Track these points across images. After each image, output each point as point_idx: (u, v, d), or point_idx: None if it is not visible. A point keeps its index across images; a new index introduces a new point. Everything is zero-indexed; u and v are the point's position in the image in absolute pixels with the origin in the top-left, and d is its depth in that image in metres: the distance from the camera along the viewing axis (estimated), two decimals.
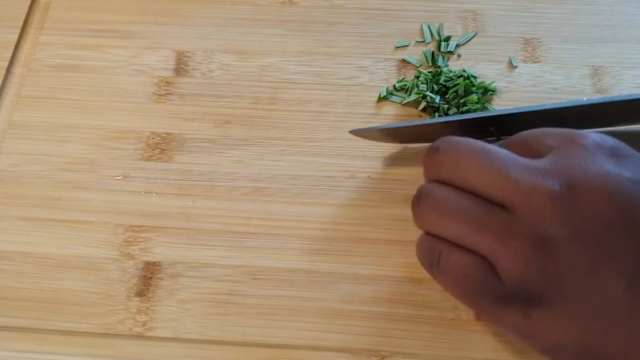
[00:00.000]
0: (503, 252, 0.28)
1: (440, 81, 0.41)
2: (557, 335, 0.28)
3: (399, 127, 0.38)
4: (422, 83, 0.41)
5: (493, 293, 0.29)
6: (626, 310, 0.27)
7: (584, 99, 0.38)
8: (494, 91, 0.41)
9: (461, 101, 0.40)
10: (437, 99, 0.40)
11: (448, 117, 0.39)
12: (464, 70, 0.41)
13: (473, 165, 0.29)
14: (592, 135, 0.30)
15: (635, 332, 0.27)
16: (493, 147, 0.30)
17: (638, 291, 0.27)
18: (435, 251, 0.30)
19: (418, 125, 0.37)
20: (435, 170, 0.31)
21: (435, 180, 0.31)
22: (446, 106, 0.40)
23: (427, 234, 0.31)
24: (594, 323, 0.27)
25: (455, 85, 0.40)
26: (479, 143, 0.30)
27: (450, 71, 0.41)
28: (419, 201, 0.31)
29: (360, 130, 0.38)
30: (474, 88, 0.40)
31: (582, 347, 0.28)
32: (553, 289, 0.28)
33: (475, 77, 0.41)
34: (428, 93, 0.40)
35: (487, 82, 0.41)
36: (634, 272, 0.27)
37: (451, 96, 0.40)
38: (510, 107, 0.39)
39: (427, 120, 0.39)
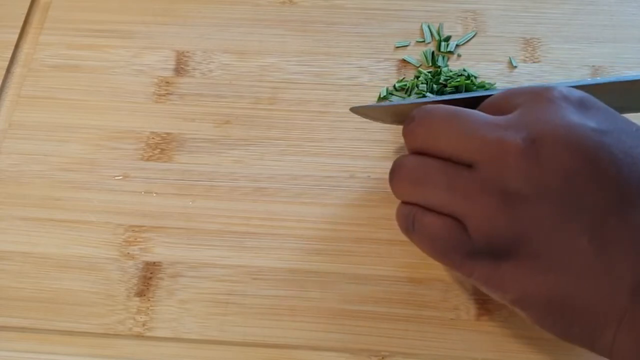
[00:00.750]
0: (470, 210, 0.29)
1: (440, 81, 0.41)
2: (525, 287, 0.28)
3: (400, 105, 0.37)
4: (422, 83, 0.41)
5: (463, 250, 0.29)
6: (591, 261, 0.27)
7: (583, 79, 0.38)
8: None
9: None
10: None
11: (451, 95, 0.39)
12: (464, 70, 0.41)
13: (442, 130, 0.30)
14: (559, 87, 0.30)
15: (601, 282, 0.27)
16: (463, 110, 0.30)
17: (602, 242, 0.27)
18: (409, 216, 0.31)
19: (420, 103, 0.37)
20: (411, 139, 0.32)
21: (414, 149, 0.32)
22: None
23: (405, 202, 0.32)
24: (560, 274, 0.27)
25: (455, 83, 0.40)
26: (451, 108, 0.31)
27: (450, 71, 0.41)
28: (392, 174, 0.32)
29: (360, 108, 0.37)
30: (474, 87, 0.40)
31: (550, 297, 0.28)
32: (520, 243, 0.28)
33: (475, 77, 0.41)
34: (428, 93, 0.40)
35: (487, 81, 0.41)
36: (598, 223, 0.27)
37: (450, 89, 0.40)
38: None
39: (430, 97, 0.39)
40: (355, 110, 0.37)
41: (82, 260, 0.36)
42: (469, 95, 0.35)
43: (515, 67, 0.42)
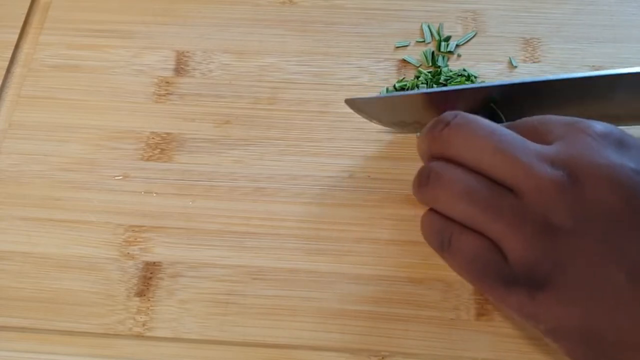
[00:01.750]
0: (511, 235, 0.29)
1: (440, 80, 0.41)
2: (559, 318, 0.28)
3: (395, 96, 0.37)
4: (422, 83, 0.41)
5: (500, 275, 0.29)
6: (627, 296, 0.27)
7: (586, 73, 0.38)
8: None
9: None
10: None
11: (450, 87, 0.38)
12: (464, 70, 0.41)
13: (486, 147, 0.29)
14: (598, 125, 0.30)
15: (635, 317, 0.27)
16: (505, 130, 0.30)
17: (639, 278, 0.27)
18: (446, 232, 0.30)
19: (415, 95, 0.36)
20: (443, 145, 0.31)
21: (441, 155, 0.31)
22: None
23: (435, 212, 0.31)
24: (595, 307, 0.28)
25: (455, 83, 0.40)
26: (491, 124, 0.30)
27: (451, 71, 0.41)
28: (428, 180, 0.31)
29: (355, 99, 0.37)
30: None
31: (583, 329, 0.28)
32: (557, 274, 0.28)
33: (475, 77, 0.41)
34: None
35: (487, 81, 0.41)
36: (636, 261, 0.27)
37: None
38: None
39: (425, 89, 0.38)
40: (351, 103, 0.37)
41: (82, 260, 0.36)
42: (463, 87, 0.35)
43: (515, 67, 0.42)
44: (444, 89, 0.36)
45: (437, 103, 0.35)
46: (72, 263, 0.36)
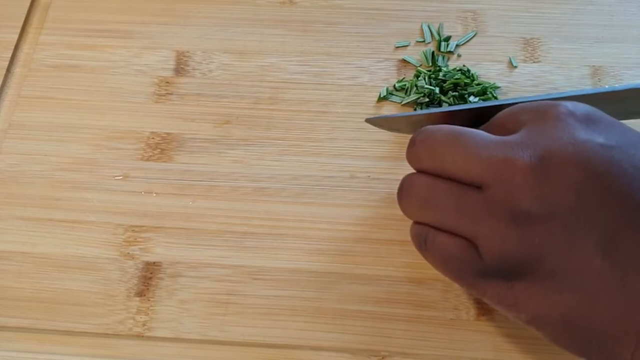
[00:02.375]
0: (480, 232, 0.29)
1: (440, 76, 0.41)
2: (539, 307, 0.28)
3: (417, 115, 0.36)
4: (421, 81, 0.41)
5: (475, 270, 0.29)
6: (605, 279, 0.27)
7: (591, 88, 0.37)
8: (494, 88, 0.40)
9: (462, 92, 0.40)
10: (437, 90, 0.40)
11: (472, 104, 0.38)
12: (463, 65, 0.41)
13: (447, 152, 0.30)
14: (564, 103, 0.30)
15: (616, 300, 0.27)
16: (466, 130, 0.30)
17: (615, 259, 0.27)
18: (422, 235, 0.31)
19: (438, 113, 0.36)
20: (415, 162, 0.32)
21: (418, 170, 0.32)
22: (445, 97, 0.40)
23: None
24: (575, 293, 0.27)
25: (454, 80, 0.40)
26: (454, 128, 0.31)
27: (449, 69, 0.41)
28: (401, 194, 0.32)
29: (376, 119, 0.37)
30: (474, 84, 0.40)
31: (565, 316, 0.28)
32: (532, 263, 0.28)
33: (475, 74, 0.41)
34: (427, 86, 0.40)
35: (487, 81, 0.41)
36: (611, 239, 0.27)
37: (449, 86, 0.40)
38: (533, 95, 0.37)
39: (449, 107, 0.38)
40: (371, 121, 0.37)
41: (82, 260, 0.36)
42: (484, 104, 0.35)
43: (516, 67, 0.42)
44: (468, 106, 0.36)
45: (460, 120, 0.35)
46: (72, 263, 0.36)
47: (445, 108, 0.38)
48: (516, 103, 0.35)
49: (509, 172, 0.28)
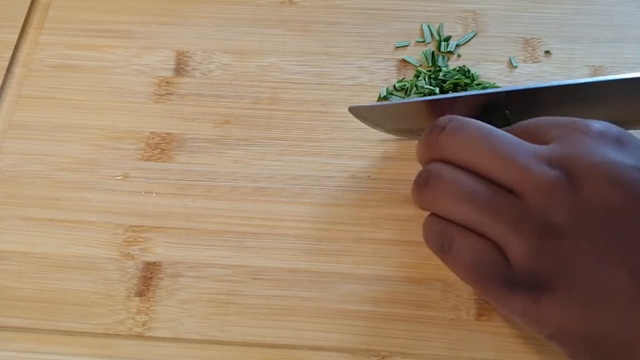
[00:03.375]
0: (514, 238, 0.28)
1: (439, 77, 0.41)
2: (563, 322, 0.28)
3: (400, 104, 0.36)
4: (421, 80, 0.41)
5: (503, 278, 0.29)
6: (631, 298, 0.27)
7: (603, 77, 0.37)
8: (494, 88, 0.41)
9: (462, 92, 0.40)
10: (437, 90, 0.40)
11: (457, 93, 0.38)
12: (463, 65, 0.41)
13: (482, 149, 0.29)
14: (596, 123, 0.30)
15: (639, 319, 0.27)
16: (501, 132, 0.30)
17: None
18: (446, 235, 0.30)
19: (419, 102, 0.36)
20: (439, 149, 0.31)
21: (438, 159, 0.31)
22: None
23: (435, 215, 0.31)
24: (599, 310, 0.27)
25: (454, 80, 0.40)
26: (487, 126, 0.30)
27: (449, 69, 0.41)
28: (427, 183, 0.30)
29: (359, 107, 0.37)
30: (474, 84, 0.40)
31: (588, 332, 0.28)
32: (560, 276, 0.28)
33: (474, 74, 0.41)
34: (427, 86, 0.40)
35: (487, 81, 0.41)
36: (639, 260, 0.27)
37: (449, 86, 0.40)
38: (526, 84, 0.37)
39: (429, 97, 0.38)
40: (354, 111, 0.37)
41: (82, 260, 0.36)
42: (473, 93, 0.35)
43: (516, 67, 0.42)
44: (448, 95, 0.36)
45: (442, 110, 0.35)
46: (72, 263, 0.36)
47: (429, 97, 0.37)
48: (504, 92, 0.35)
49: (545, 185, 0.28)
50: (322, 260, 0.36)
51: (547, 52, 0.42)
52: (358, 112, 0.37)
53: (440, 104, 0.35)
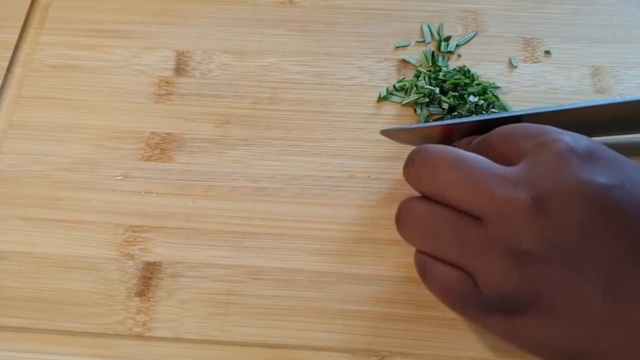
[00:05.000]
0: (481, 267, 0.29)
1: (440, 77, 0.41)
2: (540, 341, 0.28)
3: (433, 127, 0.36)
4: (421, 80, 0.41)
5: (475, 303, 0.29)
6: (606, 315, 0.27)
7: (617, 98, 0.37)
8: (494, 88, 0.40)
9: (462, 92, 0.40)
10: (437, 90, 0.40)
11: (485, 115, 0.38)
12: (463, 65, 0.41)
13: (449, 179, 0.30)
14: (566, 138, 0.29)
15: (616, 334, 0.27)
16: (467, 156, 0.30)
17: (616, 294, 0.27)
18: (421, 264, 0.31)
19: (452, 124, 0.36)
20: (414, 183, 0.32)
21: (419, 192, 0.32)
22: (445, 97, 0.40)
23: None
24: (576, 329, 0.27)
25: (454, 80, 0.40)
26: (453, 152, 0.30)
27: (449, 69, 0.41)
28: (399, 220, 0.32)
29: (391, 130, 0.37)
30: (473, 84, 0.40)
31: (566, 351, 0.28)
32: (533, 299, 0.28)
33: (475, 74, 0.41)
34: (427, 86, 0.40)
35: (487, 81, 0.41)
36: (611, 277, 0.27)
37: (449, 86, 0.40)
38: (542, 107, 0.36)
39: (463, 119, 0.38)
40: (386, 133, 0.37)
41: (82, 260, 0.36)
42: (500, 115, 0.35)
43: (516, 67, 0.42)
44: (482, 117, 0.36)
45: (474, 131, 0.35)
46: (72, 263, 0.36)
47: (462, 119, 0.37)
48: (542, 113, 0.35)
49: (510, 210, 0.28)
50: (322, 260, 0.36)
51: (547, 52, 0.42)
52: (388, 133, 0.38)
53: (471, 126, 0.35)
